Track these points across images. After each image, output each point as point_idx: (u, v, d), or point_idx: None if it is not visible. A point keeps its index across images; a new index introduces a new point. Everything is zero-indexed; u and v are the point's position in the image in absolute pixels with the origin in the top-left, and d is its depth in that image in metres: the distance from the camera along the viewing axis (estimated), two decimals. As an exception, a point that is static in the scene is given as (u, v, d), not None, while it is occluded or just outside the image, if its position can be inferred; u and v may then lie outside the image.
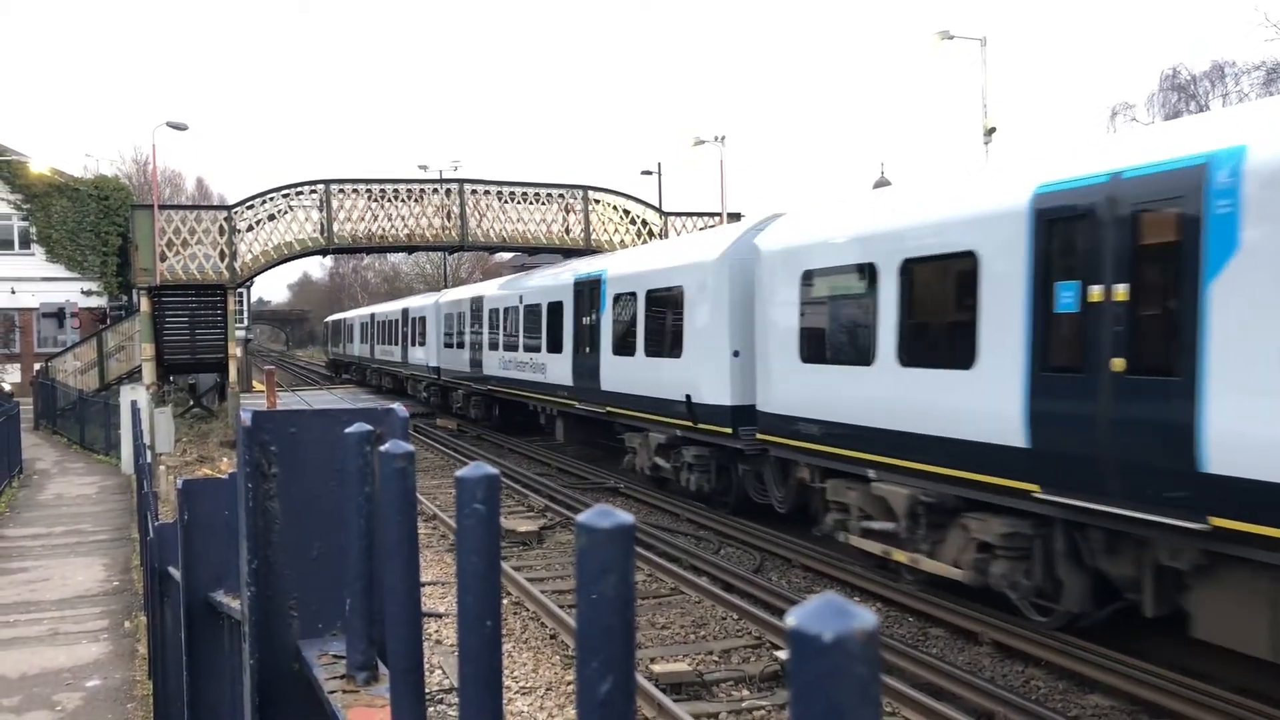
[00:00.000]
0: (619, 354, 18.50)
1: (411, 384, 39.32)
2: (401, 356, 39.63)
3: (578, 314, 20.69)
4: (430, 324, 34.33)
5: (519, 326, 24.47)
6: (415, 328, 36.75)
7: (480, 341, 27.96)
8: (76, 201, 38.51)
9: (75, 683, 8.07)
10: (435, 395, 35.18)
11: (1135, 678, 8.29)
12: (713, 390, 15.02)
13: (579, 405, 20.55)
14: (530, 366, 23.50)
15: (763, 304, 13.75)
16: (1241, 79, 36.14)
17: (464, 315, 30.06)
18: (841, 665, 0.49)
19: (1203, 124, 8.56)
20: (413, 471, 1.20)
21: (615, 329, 18.77)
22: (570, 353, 20.99)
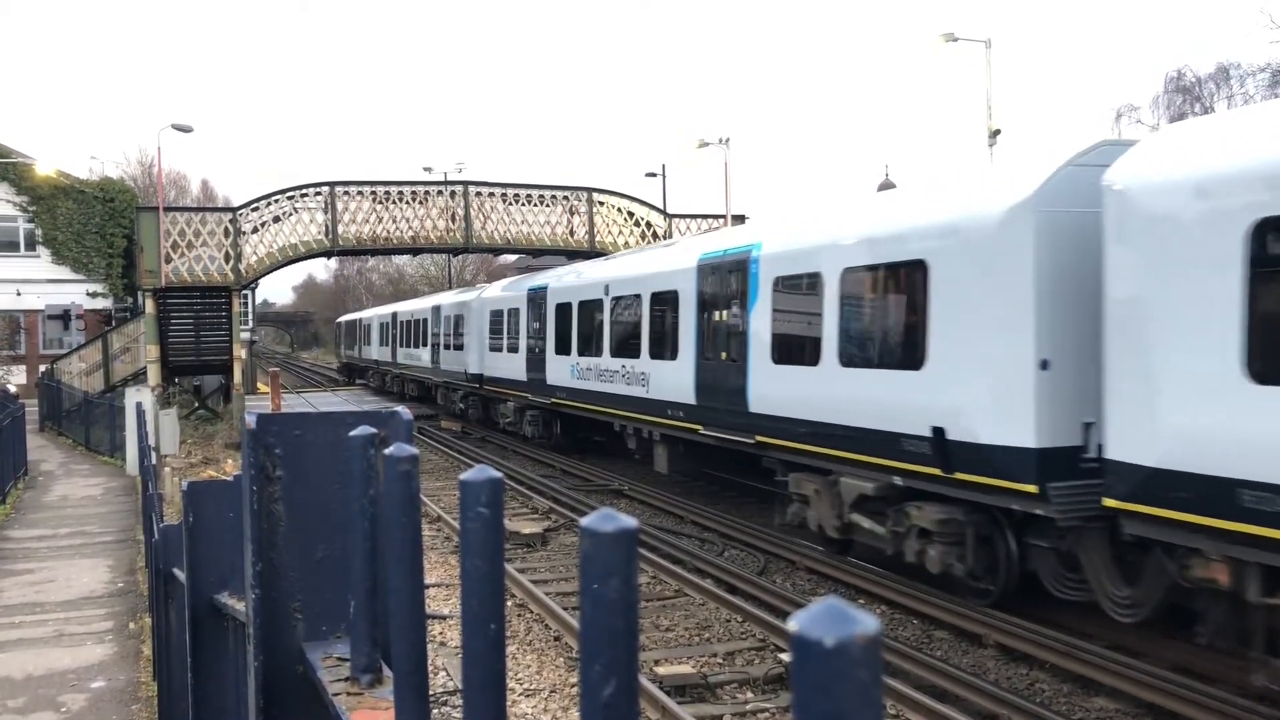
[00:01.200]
0: (784, 362, 13.33)
1: (443, 393, 34.14)
2: (431, 361, 34.54)
3: (705, 307, 15.80)
4: (470, 324, 29.31)
5: (603, 325, 19.67)
6: (449, 328, 31.84)
7: (542, 345, 23.02)
8: (82, 204, 38.60)
9: (80, 684, 8.08)
10: (475, 407, 30.29)
11: (1140, 680, 8.27)
12: (996, 422, 9.71)
13: (706, 431, 15.53)
14: (622, 377, 18.61)
15: (1137, 276, 8.35)
16: (1247, 81, 36.08)
17: (518, 313, 25.18)
18: (843, 670, 0.49)
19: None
20: (417, 474, 1.21)
21: (777, 327, 13.55)
22: (691, 360, 16.00)
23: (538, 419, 24.42)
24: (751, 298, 14.12)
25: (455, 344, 30.93)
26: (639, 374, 17.90)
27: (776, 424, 13.39)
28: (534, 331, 23.83)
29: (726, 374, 14.82)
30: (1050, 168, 9.70)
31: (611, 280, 19.61)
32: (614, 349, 19.09)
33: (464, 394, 31.05)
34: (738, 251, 14.73)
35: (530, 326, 24.18)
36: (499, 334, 26.76)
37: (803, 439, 12.82)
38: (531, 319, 24.09)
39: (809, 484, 12.84)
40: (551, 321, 22.58)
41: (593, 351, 20.03)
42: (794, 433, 12.98)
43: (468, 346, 29.39)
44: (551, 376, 22.43)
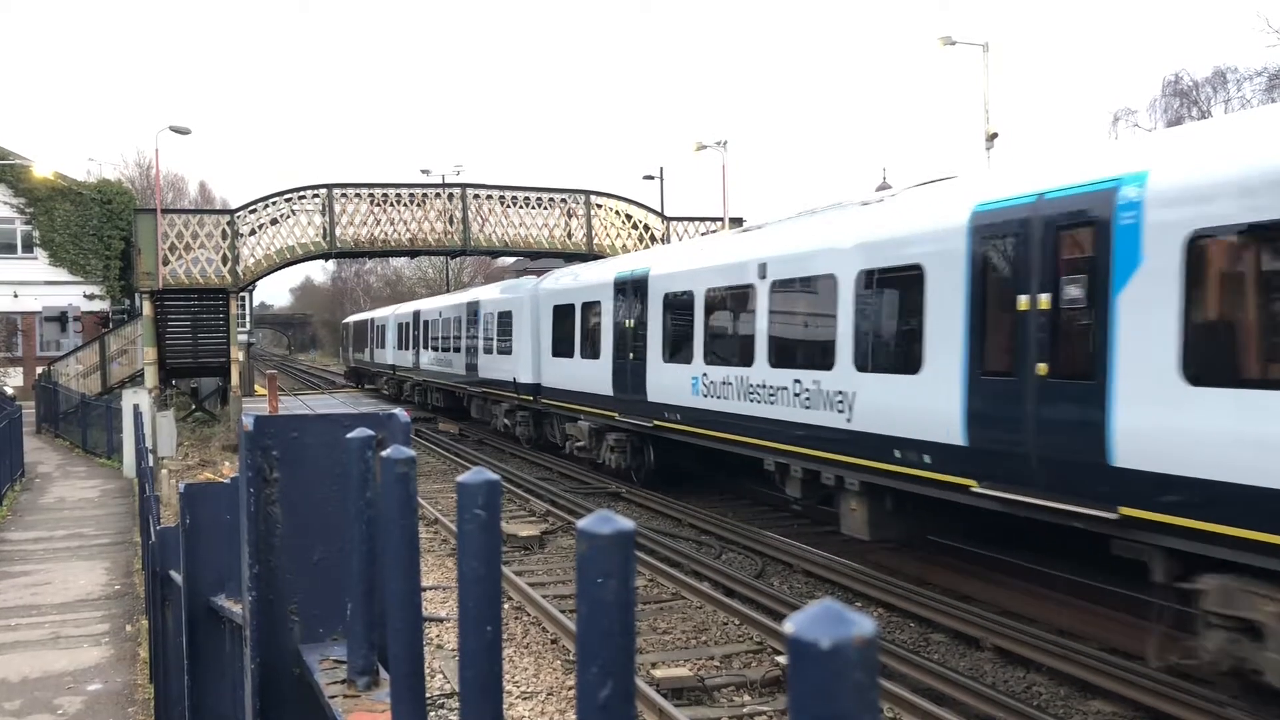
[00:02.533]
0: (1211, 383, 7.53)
1: (480, 404, 29.21)
2: (466, 366, 29.24)
3: (989, 293, 9.80)
4: (521, 322, 24.10)
5: (755, 324, 14.00)
6: (491, 328, 26.65)
7: (642, 349, 17.68)
8: (79, 205, 38.58)
9: (77, 686, 8.07)
10: (526, 424, 25.04)
11: (1137, 683, 8.28)
12: None
13: (984, 489, 9.64)
14: (793, 396, 12.90)
15: None
16: (1244, 84, 36.16)
17: (598, 308, 19.80)
18: (840, 672, 0.49)
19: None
20: (414, 476, 1.21)
21: (1199, 316, 7.77)
22: (961, 373, 9.89)
23: (624, 444, 19.04)
24: (1118, 273, 8.44)
25: (501, 347, 25.69)
26: (831, 394, 12.11)
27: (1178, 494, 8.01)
28: (628, 332, 18.35)
29: (1068, 402, 8.85)
30: None
31: (772, 258, 13.77)
32: (775, 357, 13.53)
33: (511, 407, 25.84)
34: (1093, 190, 8.77)
35: (620, 326, 18.72)
36: (566, 334, 21.34)
37: None
38: (622, 315, 18.71)
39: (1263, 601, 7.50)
40: (659, 319, 17.17)
41: (735, 360, 14.55)
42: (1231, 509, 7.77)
43: (517, 350, 24.20)
44: (657, 391, 17.13)
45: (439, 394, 34.29)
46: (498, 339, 25.97)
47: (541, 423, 24.14)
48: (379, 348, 46.05)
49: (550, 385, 22.44)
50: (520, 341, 24.13)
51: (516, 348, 24.33)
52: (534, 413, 24.37)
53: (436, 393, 34.66)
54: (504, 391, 25.73)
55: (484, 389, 27.70)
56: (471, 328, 28.58)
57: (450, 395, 32.90)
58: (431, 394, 35.45)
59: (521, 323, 24.13)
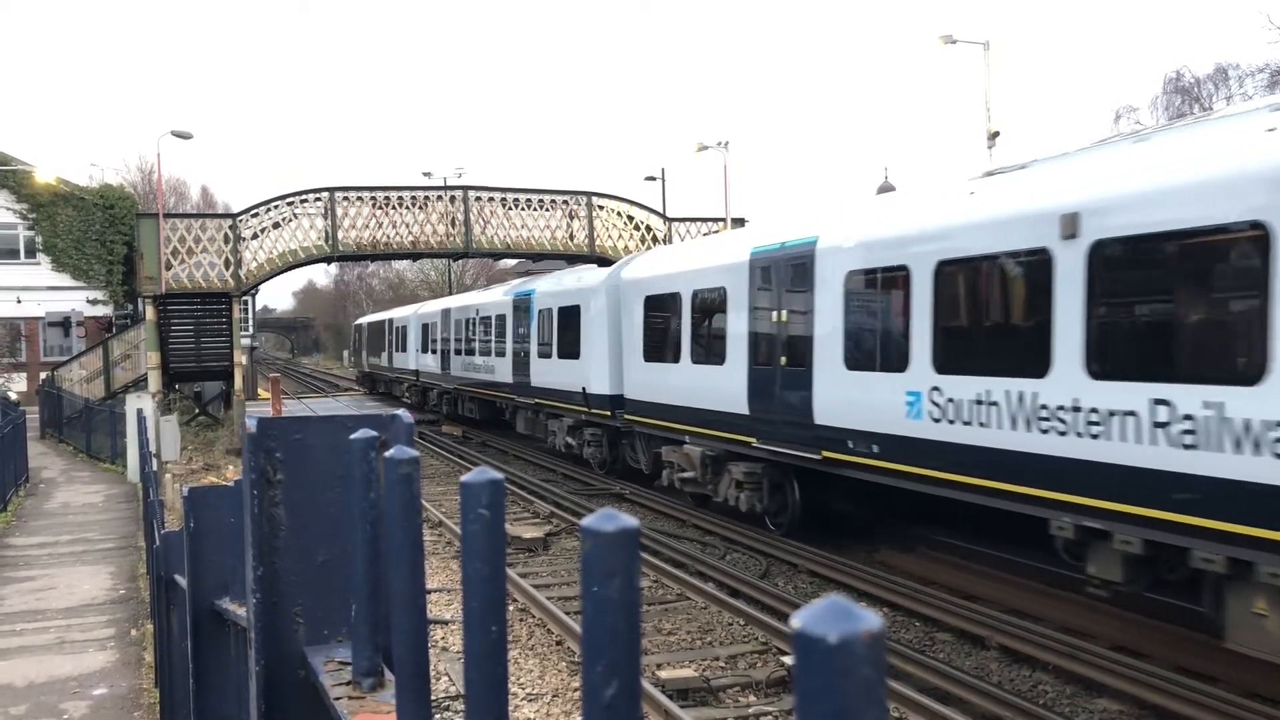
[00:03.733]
0: None
1: (532, 419, 24.61)
2: (515, 374, 24.89)
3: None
4: (594, 319, 19.79)
5: (1057, 310, 9.17)
6: (550, 327, 22.44)
7: (805, 351, 13.01)
8: (82, 210, 38.61)
9: (82, 691, 8.07)
10: (598, 444, 20.58)
11: (1143, 681, 8.26)
12: None
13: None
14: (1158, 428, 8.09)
15: None
16: (1245, 81, 36.10)
17: (728, 296, 14.88)
18: (847, 667, 0.49)
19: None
20: (418, 476, 1.20)
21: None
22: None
23: (758, 479, 14.38)
24: None
25: (563, 349, 21.55)
26: None
27: None
28: (779, 329, 13.57)
29: None
30: None
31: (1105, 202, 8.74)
32: (1104, 365, 8.65)
33: (576, 423, 21.49)
34: None
35: (762, 320, 13.99)
36: (666, 333, 16.96)
37: None
38: (765, 305, 13.90)
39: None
40: (835, 308, 12.31)
41: (1013, 367, 9.65)
42: None
43: (588, 354, 20.03)
44: (831, 411, 12.38)
45: (474, 404, 30.22)
46: (559, 340, 21.75)
47: (619, 444, 19.87)
48: (398, 351, 41.89)
49: (638, 398, 17.92)
50: (592, 343, 19.89)
51: (587, 350, 20.14)
52: (609, 431, 20.01)
53: (470, 403, 30.50)
54: (567, 404, 21.38)
55: (538, 400, 23.21)
56: (521, 327, 24.49)
57: (488, 406, 28.94)
58: (464, 403, 31.28)
59: (594, 319, 19.86)
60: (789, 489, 14.20)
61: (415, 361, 38.21)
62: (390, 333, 44.04)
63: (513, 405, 25.84)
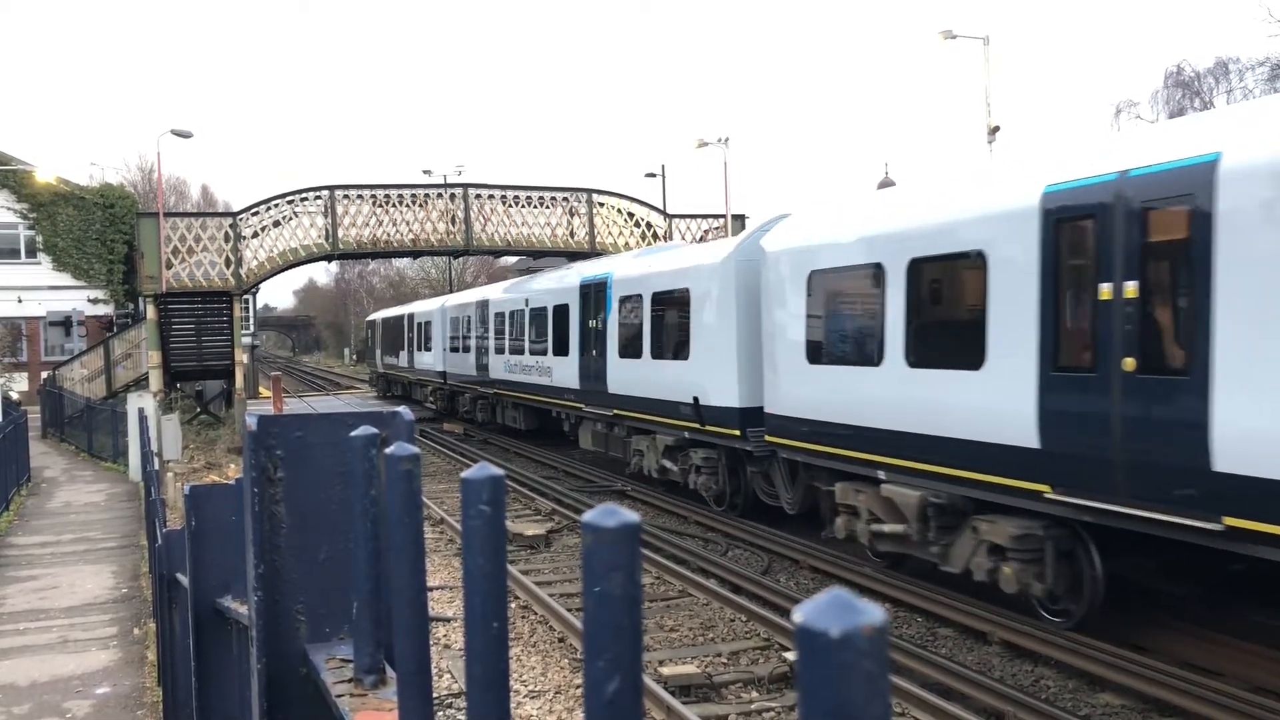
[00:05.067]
0: None
1: (603, 433, 20.09)
2: (582, 378, 20.34)
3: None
4: (712, 308, 15.40)
5: None
6: (638, 320, 17.97)
7: (1196, 342, 7.67)
8: (82, 210, 38.62)
9: (85, 690, 8.08)
10: (714, 473, 16.01)
11: (1146, 676, 8.26)
12: None
13: None
14: None
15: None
16: (1246, 75, 36.07)
17: (996, 263, 9.64)
18: (850, 661, 0.49)
19: None
20: (419, 473, 1.20)
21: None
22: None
23: (1039, 549, 9.36)
24: None
25: (662, 347, 17.12)
26: None
27: None
28: (1116, 313, 8.36)
29: None
30: None
31: None
32: None
33: (679, 443, 16.80)
34: None
35: (1079, 295, 8.90)
36: (863, 324, 11.97)
37: None
38: (1078, 271, 8.91)
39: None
40: None
41: None
42: None
43: (703, 353, 15.54)
44: (1243, 454, 7.36)
45: (519, 412, 25.94)
46: (653, 335, 17.45)
47: (742, 472, 15.29)
48: (421, 350, 36.93)
49: (795, 414, 13.02)
50: (710, 339, 15.34)
51: (701, 349, 15.62)
52: (729, 454, 15.56)
53: (515, 410, 26.16)
54: (663, 418, 16.92)
55: (618, 411, 18.80)
56: (592, 319, 20.03)
57: (539, 415, 24.82)
58: (505, 411, 27.09)
59: (713, 308, 15.33)
60: (1084, 561, 9.14)
61: (443, 361, 33.48)
62: (411, 329, 38.92)
63: (577, 416, 21.32)
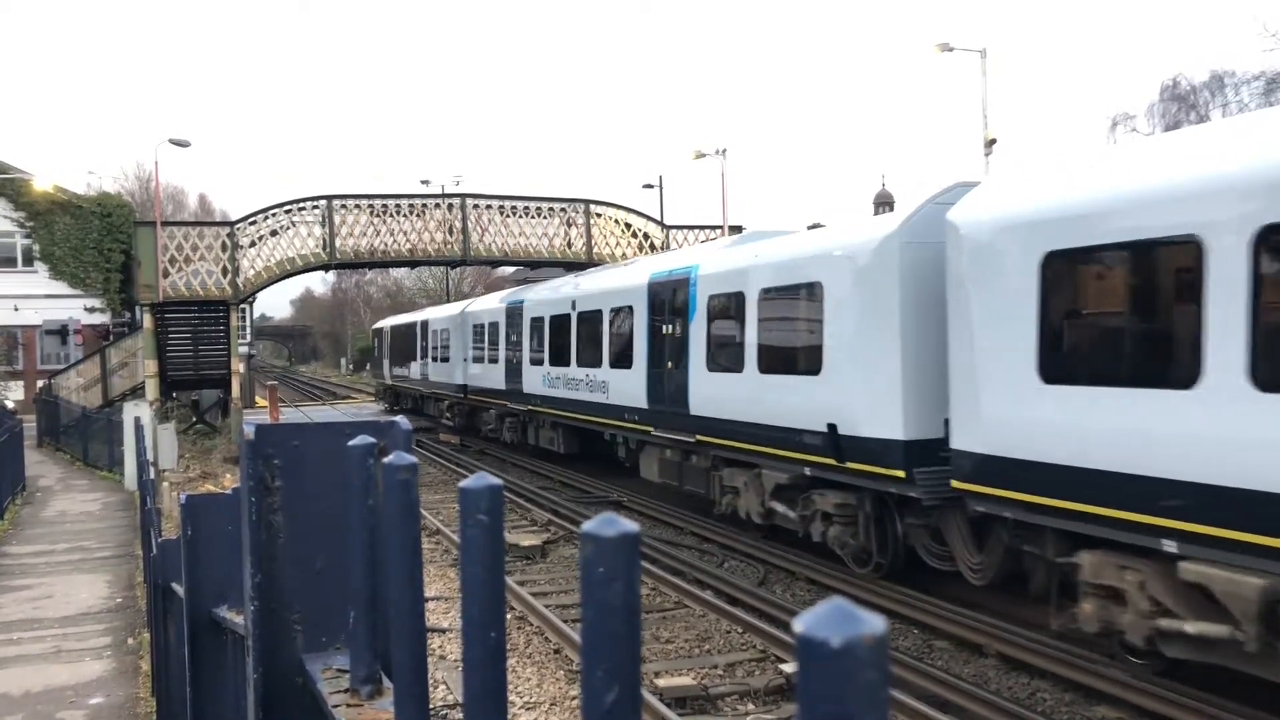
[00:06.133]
0: None
1: (680, 465, 16.59)
2: (653, 395, 17.02)
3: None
4: (858, 308, 11.58)
5: None
6: (728, 323, 14.74)
7: None
8: (79, 219, 38.59)
9: (79, 700, 8.04)
10: (852, 522, 12.28)
11: (1142, 689, 8.25)
12: None
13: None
14: None
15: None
16: (1241, 89, 36.23)
17: None
18: (850, 671, 0.49)
19: None
20: (416, 483, 1.20)
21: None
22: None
23: None
24: None
25: (773, 359, 13.46)
26: None
27: None
28: None
29: None
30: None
31: None
32: None
33: (797, 482, 13.07)
34: None
35: None
36: (1169, 321, 8.17)
37: None
38: None
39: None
40: None
41: None
42: None
43: (841, 367, 11.93)
44: None
45: (558, 432, 22.78)
46: (762, 343, 13.65)
47: (898, 526, 11.63)
48: (436, 361, 33.63)
49: (1011, 452, 9.27)
50: (855, 348, 11.63)
51: (839, 361, 11.93)
52: (876, 501, 11.77)
53: (553, 430, 23.04)
54: (776, 448, 13.21)
55: (701, 437, 15.28)
56: (665, 325, 16.66)
57: (583, 435, 21.77)
58: (540, 430, 23.99)
59: (858, 308, 11.56)
60: None
61: (463, 373, 30.23)
62: (425, 338, 35.49)
63: (639, 440, 18.10)
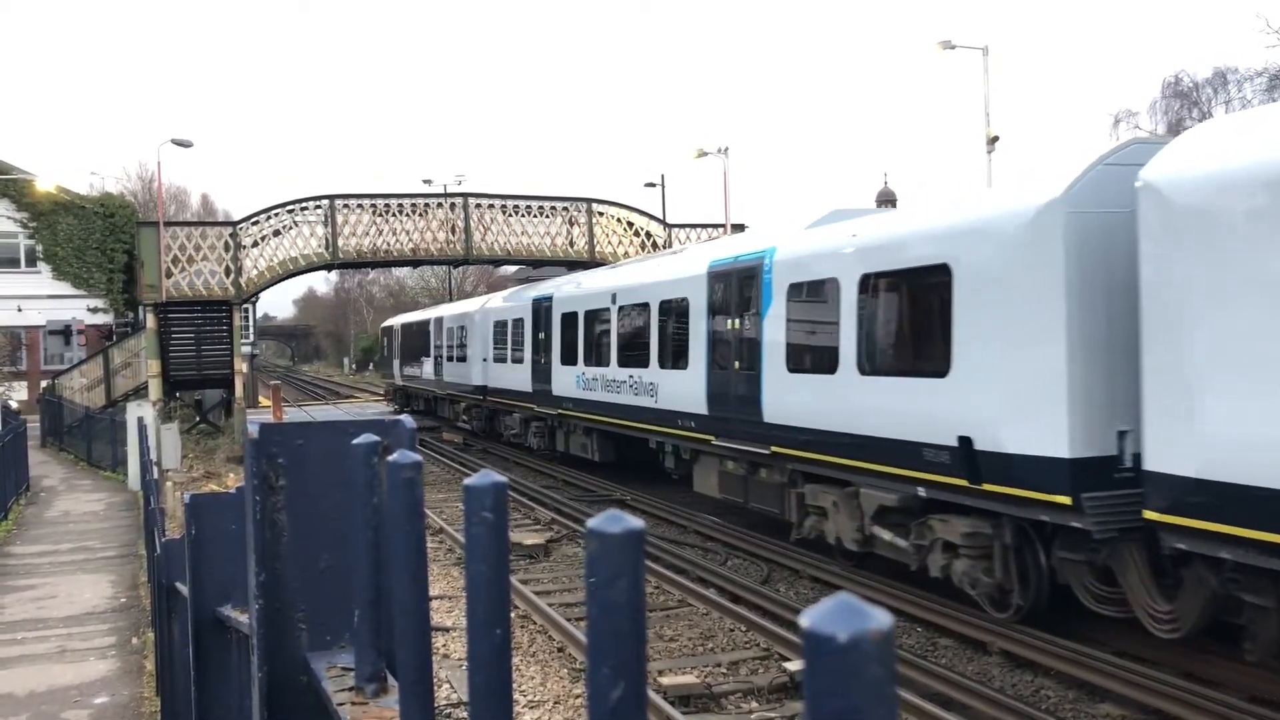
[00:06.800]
0: None
1: (743, 480, 14.45)
2: (713, 399, 14.87)
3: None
4: (1002, 292, 9.16)
5: None
6: (816, 315, 12.51)
7: None
8: (82, 219, 38.62)
9: (83, 700, 8.05)
10: (986, 556, 9.72)
11: (1145, 686, 8.24)
12: None
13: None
14: None
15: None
16: (1244, 85, 36.17)
17: None
18: (857, 666, 0.48)
19: None
20: (420, 481, 1.20)
21: None
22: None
23: None
24: None
25: (882, 357, 11.26)
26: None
27: None
28: None
29: None
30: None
31: None
32: None
33: (914, 506, 10.71)
34: None
35: None
36: None
37: None
38: None
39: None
40: None
41: None
42: None
43: (979, 364, 9.57)
44: None
45: (591, 438, 20.56)
46: (862, 340, 11.36)
47: (1045, 560, 9.50)
48: (452, 360, 31.56)
49: (1249, 478, 7.07)
50: (1003, 344, 9.35)
51: (981, 360, 9.61)
52: (1018, 531, 9.58)
53: (587, 436, 20.74)
54: (882, 463, 10.98)
55: (777, 448, 13.04)
56: (730, 319, 14.43)
57: (623, 443, 19.45)
58: (572, 436, 21.65)
59: (1008, 293, 9.27)
60: None
61: (482, 374, 28.18)
62: (440, 336, 33.48)
63: (694, 450, 15.98)
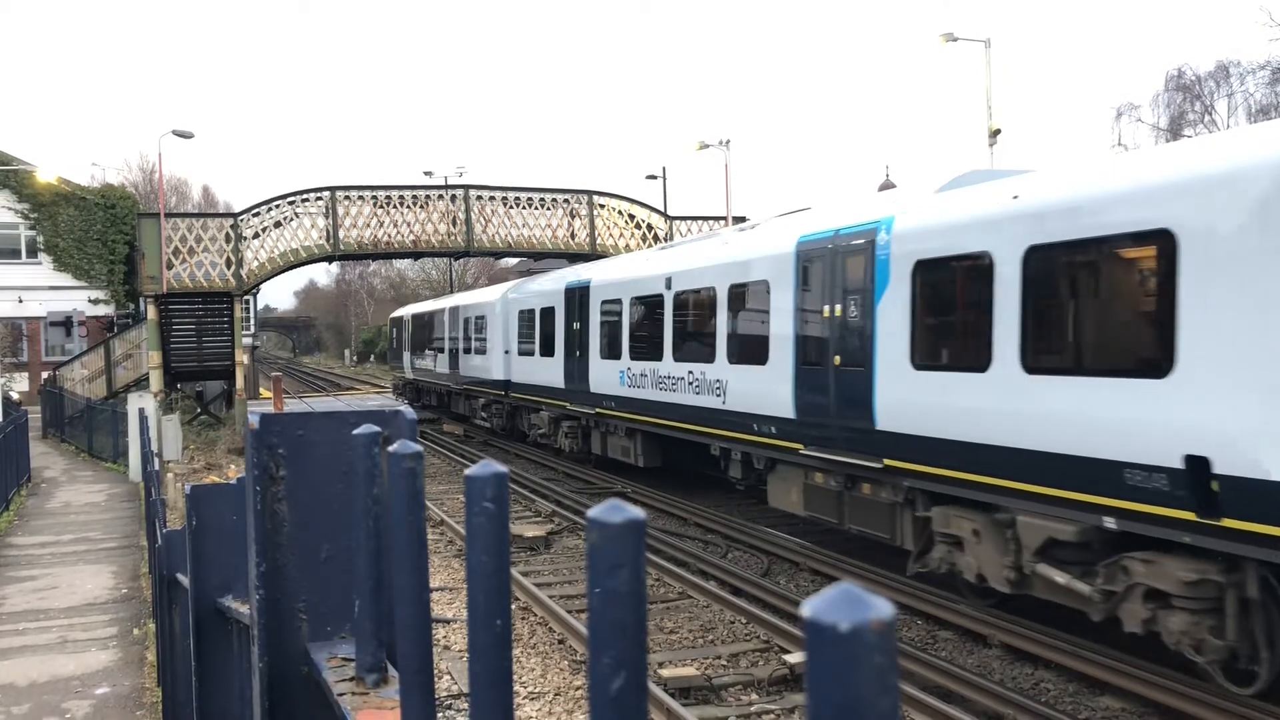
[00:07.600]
0: None
1: (825, 488, 12.29)
2: (802, 396, 12.49)
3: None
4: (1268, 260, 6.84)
5: None
6: (939, 304, 10.48)
7: None
8: (83, 210, 38.61)
9: (84, 690, 8.07)
10: (1215, 609, 7.52)
11: (1146, 679, 8.25)
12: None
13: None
14: None
15: None
16: (1246, 79, 36.09)
17: None
18: (859, 655, 0.48)
19: None
20: (421, 471, 1.20)
21: None
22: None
23: None
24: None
25: (1091, 352, 8.51)
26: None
27: None
28: None
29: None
30: None
31: None
32: None
33: (1101, 542, 8.40)
34: None
35: None
36: None
37: None
38: None
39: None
40: None
41: None
42: None
43: (1217, 360, 7.25)
44: None
45: (635, 441, 18.62)
46: (1025, 330, 9.13)
47: None
48: (469, 353, 29.57)
49: None
50: (1262, 334, 7.04)
51: (1223, 356, 7.27)
52: (1263, 582, 7.33)
53: (628, 438, 18.90)
54: (1052, 485, 8.72)
55: (894, 462, 10.81)
56: (824, 305, 12.21)
57: (665, 445, 17.97)
58: (609, 438, 19.90)
59: (1264, 267, 7.03)
60: None
61: (505, 368, 25.95)
62: (455, 327, 31.40)
63: (771, 460, 13.76)
